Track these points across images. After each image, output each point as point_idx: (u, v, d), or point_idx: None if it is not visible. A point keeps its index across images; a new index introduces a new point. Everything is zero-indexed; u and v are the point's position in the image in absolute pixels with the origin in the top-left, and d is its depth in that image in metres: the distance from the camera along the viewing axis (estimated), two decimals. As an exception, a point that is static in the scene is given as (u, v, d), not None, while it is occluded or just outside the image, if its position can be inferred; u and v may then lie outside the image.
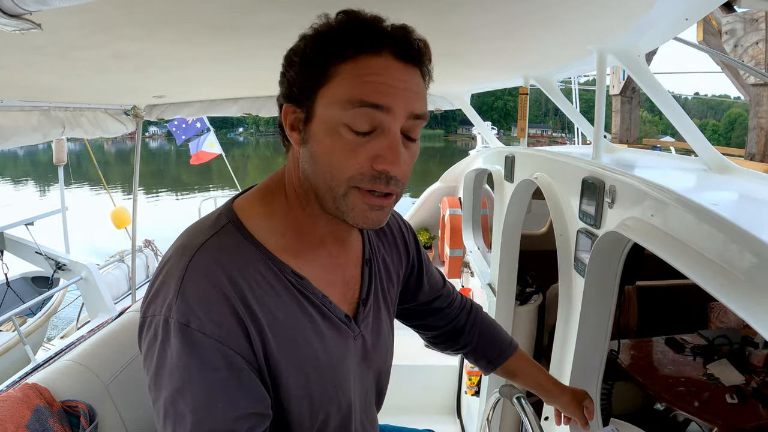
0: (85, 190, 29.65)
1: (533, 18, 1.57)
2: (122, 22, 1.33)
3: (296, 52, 1.00)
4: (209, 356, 0.92)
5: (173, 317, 0.92)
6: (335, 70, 0.94)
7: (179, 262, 0.97)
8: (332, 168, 0.96)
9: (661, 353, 3.65)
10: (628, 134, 7.35)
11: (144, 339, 0.98)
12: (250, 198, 1.12)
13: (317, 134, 0.97)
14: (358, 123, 0.93)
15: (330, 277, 1.15)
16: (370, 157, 0.94)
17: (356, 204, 0.98)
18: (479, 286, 3.98)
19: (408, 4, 1.35)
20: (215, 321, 0.92)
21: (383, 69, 0.94)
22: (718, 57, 4.17)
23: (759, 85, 3.86)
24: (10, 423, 1.42)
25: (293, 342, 1.03)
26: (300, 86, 0.99)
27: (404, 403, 4.56)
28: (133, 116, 4.02)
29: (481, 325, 1.69)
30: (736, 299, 1.07)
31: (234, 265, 0.98)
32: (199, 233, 1.02)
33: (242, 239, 1.03)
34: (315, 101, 0.97)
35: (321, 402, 1.10)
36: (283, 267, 1.05)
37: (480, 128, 4.53)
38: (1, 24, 0.71)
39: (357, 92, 0.92)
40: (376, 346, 1.26)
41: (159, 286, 0.98)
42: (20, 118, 2.98)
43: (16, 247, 7.08)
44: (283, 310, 1.02)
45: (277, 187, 1.11)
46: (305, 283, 1.07)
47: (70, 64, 1.85)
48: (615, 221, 1.69)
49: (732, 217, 1.18)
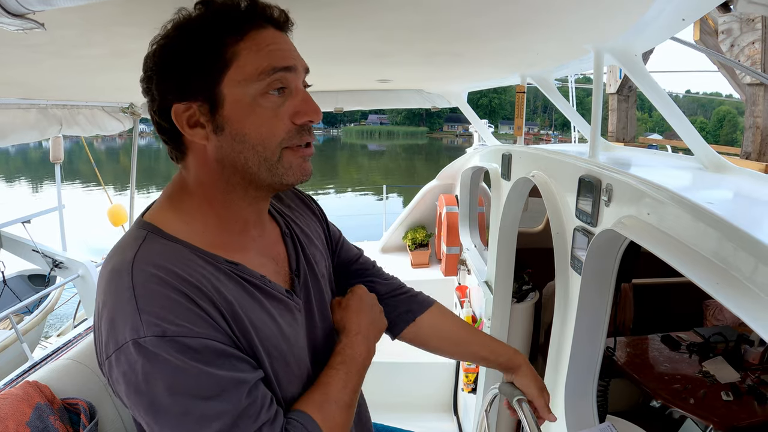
0: (79, 187, 29.57)
1: (531, 17, 1.57)
2: (121, 21, 1.33)
3: (175, 50, 1.01)
4: (200, 355, 0.91)
5: (145, 335, 0.88)
6: (233, 51, 0.99)
7: (121, 285, 0.93)
8: (263, 138, 1.02)
9: (657, 351, 3.67)
10: (625, 132, 7.38)
11: (119, 377, 0.92)
12: (158, 209, 1.11)
13: (235, 115, 1.01)
14: (272, 87, 1.01)
15: (260, 258, 1.17)
16: (290, 116, 1.03)
17: (292, 162, 1.06)
18: (476, 284, 3.99)
19: (405, 3, 1.35)
20: (187, 320, 0.91)
21: (273, 39, 1.03)
22: (715, 57, 4.19)
23: (755, 84, 3.88)
24: (12, 420, 1.43)
25: (252, 325, 1.03)
26: (193, 80, 1.00)
27: (400, 400, 4.58)
28: (130, 114, 4.02)
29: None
30: (731, 296, 1.08)
31: (173, 263, 0.97)
32: (124, 251, 1.00)
33: (168, 242, 1.03)
34: (219, 87, 1.00)
35: (287, 379, 1.11)
36: (216, 258, 1.05)
37: (477, 126, 4.54)
38: (4, 23, 0.71)
39: (266, 62, 1.00)
40: (323, 314, 1.29)
41: (110, 320, 0.93)
42: (18, 115, 2.98)
43: (13, 245, 7.06)
44: (233, 295, 1.02)
45: (182, 192, 1.11)
46: (241, 267, 1.08)
47: (69, 62, 1.86)
48: (611, 219, 1.70)
49: (727, 215, 1.19)
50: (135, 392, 0.91)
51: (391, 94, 4.23)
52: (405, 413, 4.54)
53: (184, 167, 1.10)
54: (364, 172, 48.70)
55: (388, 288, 1.55)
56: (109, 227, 8.81)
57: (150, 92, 1.04)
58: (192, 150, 1.07)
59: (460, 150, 75.53)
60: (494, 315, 3.37)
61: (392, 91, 4.22)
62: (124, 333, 0.90)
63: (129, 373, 0.90)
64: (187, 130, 1.02)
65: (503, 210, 3.11)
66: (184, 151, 1.08)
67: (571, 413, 2.06)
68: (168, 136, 1.07)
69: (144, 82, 1.05)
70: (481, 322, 3.64)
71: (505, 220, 3.14)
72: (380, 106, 4.17)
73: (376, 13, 1.45)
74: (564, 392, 2.06)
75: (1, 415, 1.45)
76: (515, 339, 3.49)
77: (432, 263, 5.75)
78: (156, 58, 1.02)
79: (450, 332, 1.60)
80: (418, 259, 5.70)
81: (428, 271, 5.60)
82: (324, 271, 1.36)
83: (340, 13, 1.41)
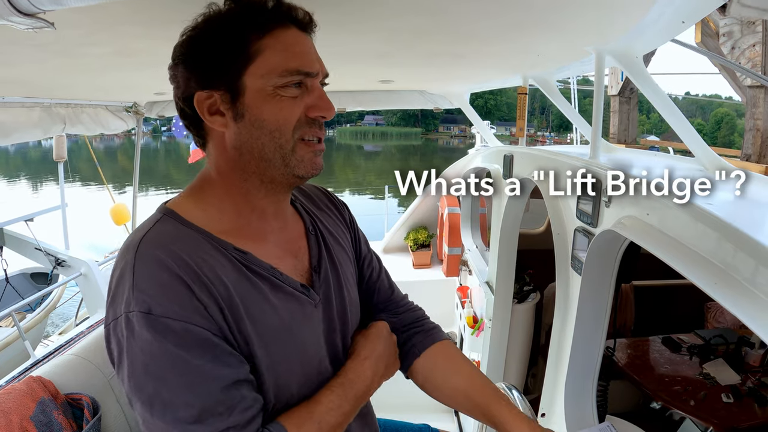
0: (78, 186, 29.59)
1: (533, 19, 1.58)
2: (127, 20, 1.34)
3: (201, 41, 1.06)
4: (180, 339, 0.92)
5: (134, 310, 0.92)
6: (257, 47, 1.04)
7: (125, 260, 0.98)
8: (280, 124, 1.06)
9: (658, 352, 3.67)
10: (626, 134, 7.38)
11: (113, 348, 0.98)
12: (180, 197, 1.16)
13: (255, 103, 1.05)
14: (292, 83, 1.06)
15: (278, 250, 1.18)
16: (305, 108, 1.08)
17: (304, 155, 1.10)
18: (477, 285, 3.99)
19: (409, 5, 1.36)
20: (176, 302, 0.94)
21: (296, 40, 1.08)
22: (716, 59, 4.19)
23: (755, 86, 3.89)
24: (15, 415, 1.44)
25: (249, 315, 1.04)
26: (216, 70, 1.05)
27: (401, 401, 4.57)
28: (133, 113, 4.04)
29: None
30: (730, 297, 1.08)
31: (178, 246, 1.00)
32: (139, 230, 1.05)
33: (180, 225, 1.06)
34: (241, 78, 1.04)
35: (287, 374, 1.11)
36: (225, 244, 1.07)
37: (479, 127, 4.54)
38: (14, 22, 0.73)
39: (290, 63, 1.05)
40: (343, 310, 1.28)
41: (113, 293, 0.99)
42: (21, 114, 2.99)
43: (16, 243, 7.07)
44: (233, 284, 1.03)
45: (203, 182, 1.15)
46: (249, 256, 1.09)
47: (74, 61, 1.87)
48: (612, 220, 1.71)
49: (727, 217, 1.20)
50: (118, 363, 0.96)
51: (394, 94, 4.24)
52: (405, 413, 4.54)
53: (207, 154, 1.15)
54: (360, 172, 48.59)
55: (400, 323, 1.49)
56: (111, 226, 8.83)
57: (176, 79, 1.10)
58: (212, 137, 1.11)
59: (455, 150, 74.30)
60: (495, 315, 3.38)
61: (394, 92, 4.22)
62: (120, 306, 0.95)
63: (116, 345, 0.96)
64: (207, 117, 1.07)
65: (504, 211, 3.12)
66: (205, 137, 1.13)
67: (571, 413, 2.07)
68: (190, 121, 1.12)
69: (171, 68, 1.11)
70: (482, 323, 3.65)
71: (506, 220, 3.14)
72: (382, 107, 4.17)
73: (379, 16, 1.46)
74: (564, 392, 2.07)
75: (5, 410, 1.46)
76: (516, 340, 3.50)
77: (433, 264, 5.74)
78: (183, 47, 1.07)
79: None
80: (419, 259, 5.70)
81: (430, 272, 5.59)
82: (348, 276, 1.35)
83: (344, 15, 1.42)
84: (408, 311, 1.52)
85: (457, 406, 1.41)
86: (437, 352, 1.44)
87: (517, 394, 1.60)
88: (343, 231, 1.42)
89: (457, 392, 1.37)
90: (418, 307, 1.56)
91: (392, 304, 1.51)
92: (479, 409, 1.31)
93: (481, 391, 1.34)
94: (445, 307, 5.20)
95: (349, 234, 1.44)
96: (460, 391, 1.37)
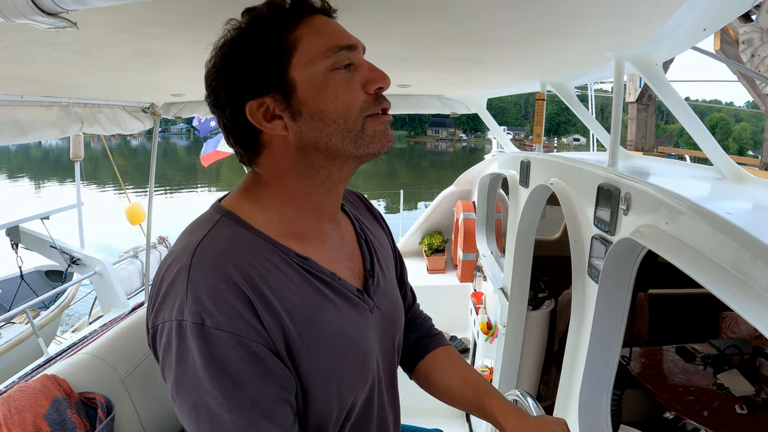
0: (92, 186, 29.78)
1: (554, 26, 1.57)
2: (147, 21, 1.35)
3: (237, 52, 1.03)
4: (230, 352, 0.91)
5: (186, 319, 0.91)
6: (293, 37, 1.02)
7: (181, 262, 0.96)
8: (342, 111, 1.03)
9: (672, 362, 3.64)
10: (644, 142, 7.33)
11: (159, 348, 0.97)
12: (235, 197, 1.13)
13: (309, 95, 1.03)
14: (340, 63, 1.03)
15: (334, 254, 1.17)
16: (362, 86, 1.06)
17: (375, 129, 1.07)
18: (492, 290, 3.99)
19: (429, 12, 1.36)
20: (229, 315, 0.92)
21: (327, 22, 1.07)
22: (735, 66, 4.17)
23: (776, 95, 3.85)
24: (29, 413, 1.45)
25: (312, 323, 1.03)
26: (261, 73, 1.02)
27: (412, 405, 4.56)
28: (150, 114, 4.05)
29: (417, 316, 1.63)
30: (749, 307, 1.07)
31: (238, 253, 0.98)
32: (195, 230, 1.03)
33: (241, 228, 1.04)
34: (288, 73, 1.02)
35: (351, 380, 1.10)
36: (287, 250, 1.05)
37: (495, 133, 4.54)
38: (37, 21, 0.73)
39: (330, 41, 1.03)
40: (392, 315, 1.28)
41: (165, 292, 0.96)
42: (39, 113, 3.01)
43: (32, 241, 7.14)
44: (296, 292, 1.02)
45: (257, 185, 1.12)
46: (311, 262, 1.08)
47: (93, 61, 1.88)
48: (629, 228, 1.69)
49: (746, 226, 1.18)
50: (162, 364, 0.96)
51: (411, 99, 4.23)
52: (417, 418, 4.53)
53: (257, 166, 1.11)
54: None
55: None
56: (125, 225, 8.89)
57: (219, 102, 1.06)
58: (269, 146, 1.08)
59: (443, 154, 74.31)
60: (509, 322, 3.37)
61: (411, 96, 4.22)
62: (171, 311, 0.93)
63: (167, 347, 0.94)
64: (265, 125, 1.04)
65: (520, 217, 3.11)
66: (259, 151, 1.09)
67: (585, 423, 2.05)
68: (243, 141, 1.09)
69: (210, 95, 1.08)
70: (496, 329, 3.64)
71: (522, 227, 3.14)
72: (399, 112, 4.15)
73: (399, 20, 1.45)
74: (578, 401, 2.05)
75: (19, 407, 1.46)
76: (530, 347, 3.48)
77: (448, 269, 5.74)
78: (217, 69, 1.05)
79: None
80: (434, 264, 5.70)
81: (444, 277, 5.59)
82: (394, 280, 1.38)
83: (363, 19, 1.41)
84: (423, 321, 1.60)
85: (452, 402, 1.47)
86: (437, 354, 1.52)
87: (532, 402, 1.58)
88: (384, 236, 1.43)
89: (452, 389, 1.46)
90: (427, 315, 1.65)
91: (414, 313, 1.58)
92: (473, 404, 1.41)
93: (473, 387, 1.42)
94: (459, 313, 5.20)
95: (388, 240, 1.45)
96: (455, 387, 1.45)
